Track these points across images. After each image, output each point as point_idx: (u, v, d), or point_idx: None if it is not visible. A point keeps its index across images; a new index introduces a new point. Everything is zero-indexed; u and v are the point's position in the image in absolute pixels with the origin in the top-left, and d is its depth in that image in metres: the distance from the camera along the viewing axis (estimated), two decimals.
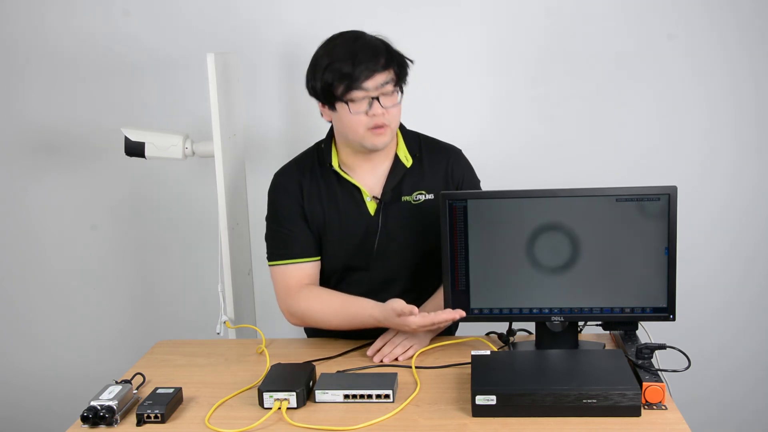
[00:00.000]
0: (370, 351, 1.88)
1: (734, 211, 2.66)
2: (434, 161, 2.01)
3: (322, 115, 1.94)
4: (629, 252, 1.74)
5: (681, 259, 1.74)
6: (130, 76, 2.67)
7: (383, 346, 1.87)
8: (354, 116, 1.83)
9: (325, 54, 1.85)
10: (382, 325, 1.86)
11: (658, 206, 1.71)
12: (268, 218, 2.02)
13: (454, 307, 1.79)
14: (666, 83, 2.57)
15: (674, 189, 1.70)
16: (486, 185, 2.13)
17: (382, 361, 1.84)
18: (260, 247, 2.66)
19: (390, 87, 1.84)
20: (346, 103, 1.83)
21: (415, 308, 1.75)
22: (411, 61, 1.92)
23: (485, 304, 1.81)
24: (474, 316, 1.81)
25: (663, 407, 1.54)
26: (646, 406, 1.54)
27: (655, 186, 1.71)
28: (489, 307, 1.81)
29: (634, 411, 1.51)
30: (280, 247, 1.98)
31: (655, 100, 2.59)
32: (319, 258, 1.99)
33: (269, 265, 2.00)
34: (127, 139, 2.20)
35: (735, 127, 2.60)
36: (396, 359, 1.85)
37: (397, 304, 1.76)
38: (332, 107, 1.87)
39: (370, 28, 2.07)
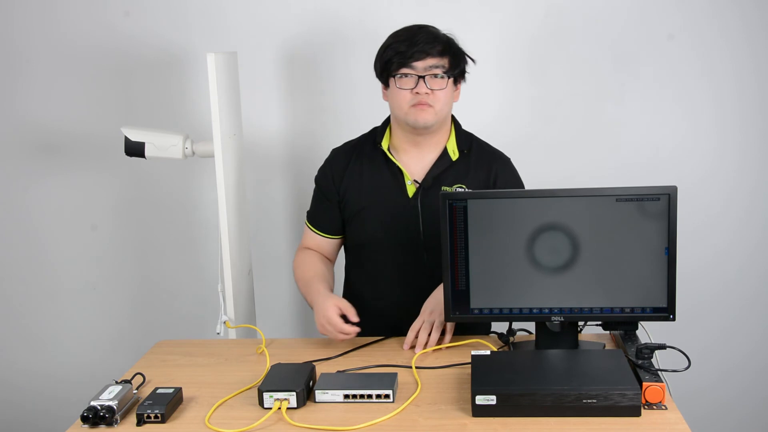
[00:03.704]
0: (405, 345, 1.91)
1: (734, 211, 2.66)
2: (481, 162, 2.07)
3: (384, 97, 2.06)
4: (629, 252, 1.73)
5: (681, 259, 1.74)
6: (130, 76, 2.67)
7: (415, 337, 1.91)
8: (400, 91, 1.96)
9: (392, 36, 2.01)
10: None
11: (658, 206, 1.71)
12: (315, 180, 2.18)
13: (454, 307, 1.80)
14: (666, 83, 2.57)
15: (674, 189, 1.70)
16: None
17: (413, 348, 1.90)
18: (260, 247, 2.68)
19: (439, 71, 1.95)
20: (396, 78, 1.96)
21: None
22: (472, 60, 2.05)
23: (485, 304, 1.81)
24: (474, 316, 1.81)
25: (663, 407, 1.54)
26: (646, 406, 1.54)
27: (655, 186, 1.71)
28: (489, 307, 1.81)
29: (634, 411, 1.51)
30: (312, 212, 2.18)
31: (655, 100, 2.59)
32: (338, 237, 2.16)
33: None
34: (127, 139, 2.20)
35: (735, 127, 2.60)
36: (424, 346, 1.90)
37: (334, 316, 1.89)
38: (386, 84, 2.01)
39: (371, 27, 2.08)
